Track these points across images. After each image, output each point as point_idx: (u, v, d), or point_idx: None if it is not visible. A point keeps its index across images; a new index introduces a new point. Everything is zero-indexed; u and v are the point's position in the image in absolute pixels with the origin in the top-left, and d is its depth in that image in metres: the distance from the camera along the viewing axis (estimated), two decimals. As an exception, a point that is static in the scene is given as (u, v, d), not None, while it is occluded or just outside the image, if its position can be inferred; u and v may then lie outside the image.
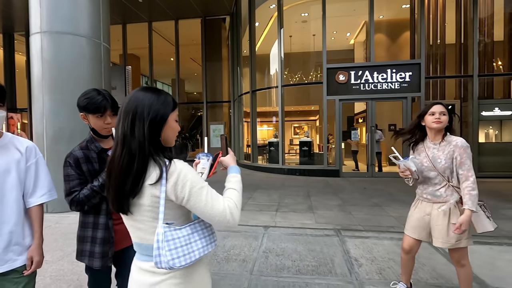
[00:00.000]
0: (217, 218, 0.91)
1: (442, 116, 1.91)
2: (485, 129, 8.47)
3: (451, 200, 1.87)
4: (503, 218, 4.16)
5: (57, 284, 2.41)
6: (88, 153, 1.46)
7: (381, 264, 2.77)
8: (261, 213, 4.52)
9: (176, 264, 0.87)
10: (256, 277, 2.55)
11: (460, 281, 1.97)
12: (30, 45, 4.57)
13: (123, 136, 0.92)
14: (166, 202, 0.90)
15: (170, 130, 0.99)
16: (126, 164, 0.90)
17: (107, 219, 1.44)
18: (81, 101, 1.45)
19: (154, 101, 0.94)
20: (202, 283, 1.01)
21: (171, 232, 0.89)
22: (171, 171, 0.90)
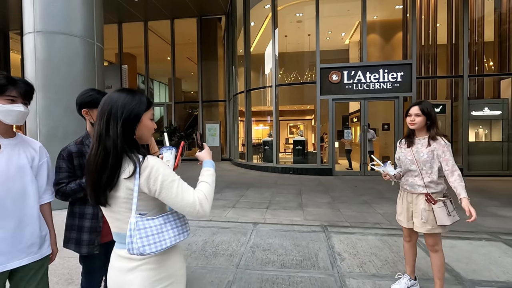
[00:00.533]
0: (187, 209, 0.99)
1: (416, 117, 2.07)
2: (475, 128, 8.62)
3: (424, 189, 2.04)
4: (486, 215, 4.29)
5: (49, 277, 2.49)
6: (82, 148, 1.57)
7: (363, 258, 2.87)
8: (251, 210, 4.61)
9: (146, 250, 0.95)
10: (242, 270, 2.64)
11: (433, 267, 2.08)
12: (23, 44, 4.61)
13: (98, 135, 1.00)
14: (140, 194, 0.99)
15: (144, 128, 1.07)
16: (101, 160, 0.98)
17: (97, 209, 1.55)
18: (85, 97, 1.59)
19: (128, 101, 1.02)
20: (175, 269, 1.09)
21: (143, 221, 0.97)
22: (144, 166, 0.98)
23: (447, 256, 2.89)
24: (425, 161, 2.03)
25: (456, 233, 3.52)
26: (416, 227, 2.09)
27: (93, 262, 1.61)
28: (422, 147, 2.07)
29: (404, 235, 2.29)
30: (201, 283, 2.42)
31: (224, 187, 6.53)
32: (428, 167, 2.03)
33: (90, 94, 1.59)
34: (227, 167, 10.77)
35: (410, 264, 2.29)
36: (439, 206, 1.96)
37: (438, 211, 1.95)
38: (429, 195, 2.01)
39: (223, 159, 13.10)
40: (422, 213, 2.03)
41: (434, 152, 2.01)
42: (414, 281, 2.29)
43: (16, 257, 1.25)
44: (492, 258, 2.84)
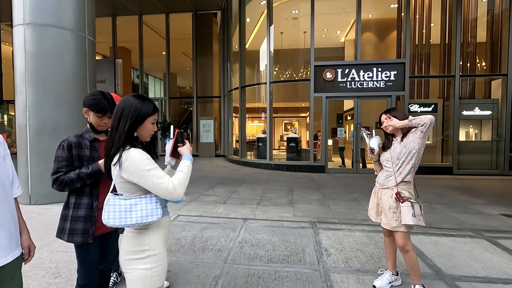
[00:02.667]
0: (162, 192, 1.19)
1: (385, 122, 2.20)
2: (465, 128, 8.75)
3: (394, 188, 2.11)
4: (470, 213, 4.38)
5: (35, 271, 2.50)
6: (81, 140, 1.67)
7: (349, 254, 2.93)
8: (242, 206, 4.64)
9: (109, 222, 1.18)
10: (229, 265, 2.68)
11: (407, 266, 2.14)
12: (13, 37, 4.55)
13: (111, 128, 1.27)
14: (119, 178, 1.23)
15: (144, 130, 1.30)
16: (109, 147, 1.25)
17: (92, 200, 1.62)
18: (88, 100, 1.67)
19: (138, 105, 1.27)
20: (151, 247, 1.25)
21: (114, 200, 1.20)
22: (124, 158, 1.20)
23: (431, 252, 2.98)
24: (398, 153, 2.11)
25: (440, 230, 3.61)
26: (383, 223, 2.17)
27: (89, 253, 1.64)
28: (398, 144, 2.16)
29: (384, 231, 2.34)
30: (188, 277, 2.45)
31: (216, 183, 6.55)
32: (401, 162, 2.09)
33: (94, 97, 1.66)
34: (221, 163, 10.79)
35: (391, 259, 2.35)
36: (406, 205, 2.01)
37: (404, 210, 2.01)
38: (399, 194, 2.07)
39: (217, 155, 13.10)
40: (389, 210, 2.09)
41: (407, 144, 2.08)
42: (396, 276, 2.34)
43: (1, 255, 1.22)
44: (473, 254, 2.92)
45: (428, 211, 4.46)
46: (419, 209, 2.03)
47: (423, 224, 2.03)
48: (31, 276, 2.43)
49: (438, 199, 5.21)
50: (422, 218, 2.03)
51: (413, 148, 2.05)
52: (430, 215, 4.21)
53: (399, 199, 2.04)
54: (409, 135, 2.08)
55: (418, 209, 2.03)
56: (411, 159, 2.06)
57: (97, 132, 1.73)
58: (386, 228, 2.20)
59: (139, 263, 1.23)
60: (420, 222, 2.01)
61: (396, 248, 2.36)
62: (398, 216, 2.05)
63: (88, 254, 1.63)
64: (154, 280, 1.23)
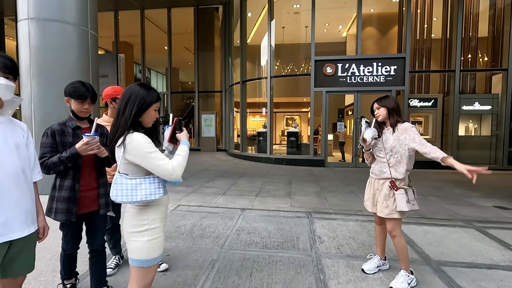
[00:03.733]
0: (162, 173, 1.32)
1: (377, 110, 2.27)
2: (465, 123, 8.78)
3: (388, 176, 2.19)
4: (464, 205, 4.48)
5: (42, 254, 2.64)
6: (64, 128, 1.78)
7: (341, 241, 3.04)
8: (241, 198, 4.77)
9: (117, 199, 1.31)
10: (225, 250, 2.81)
11: (396, 251, 2.24)
12: (17, 31, 4.66)
13: (118, 112, 1.37)
14: (123, 159, 1.34)
15: (148, 116, 1.41)
16: (114, 130, 1.36)
17: (74, 182, 1.74)
18: (68, 88, 1.78)
19: (144, 93, 1.38)
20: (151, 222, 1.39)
21: (121, 179, 1.33)
22: (128, 140, 1.31)
23: (421, 240, 3.08)
24: (391, 146, 2.18)
25: (432, 220, 3.71)
26: (378, 212, 2.26)
27: (72, 229, 1.85)
28: (389, 134, 2.23)
29: (375, 219, 2.44)
30: (186, 261, 2.58)
31: (217, 176, 6.68)
32: (394, 152, 2.17)
33: (74, 85, 1.78)
34: (222, 157, 10.91)
35: (380, 245, 2.46)
36: (400, 193, 2.11)
37: (398, 197, 2.10)
38: (393, 182, 2.16)
39: (218, 149, 13.23)
40: (384, 198, 2.18)
41: (400, 137, 2.15)
42: (384, 261, 2.45)
43: (17, 229, 1.36)
44: (461, 242, 3.02)
45: (423, 203, 4.56)
46: (412, 194, 2.14)
47: (417, 208, 2.13)
48: (38, 258, 2.55)
49: (434, 192, 5.30)
50: (416, 202, 2.14)
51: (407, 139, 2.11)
52: (424, 207, 4.31)
53: (393, 187, 2.13)
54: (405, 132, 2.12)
55: (412, 194, 2.13)
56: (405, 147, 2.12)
57: (80, 119, 1.84)
58: (379, 216, 2.29)
59: (138, 236, 1.36)
60: (414, 207, 2.11)
61: (386, 235, 2.46)
62: (391, 204, 2.13)
63: (71, 230, 1.85)
64: (150, 251, 1.36)
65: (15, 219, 1.35)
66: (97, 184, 1.85)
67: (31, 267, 1.48)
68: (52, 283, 2.17)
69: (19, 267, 1.41)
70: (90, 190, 1.82)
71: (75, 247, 1.91)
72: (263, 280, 2.27)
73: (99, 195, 1.85)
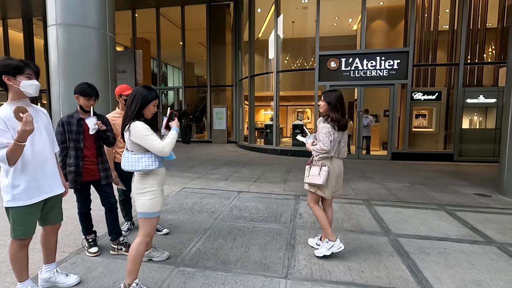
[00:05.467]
0: (155, 150, 1.84)
1: (321, 102, 2.62)
2: (469, 116, 8.83)
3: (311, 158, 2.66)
4: (447, 192, 4.79)
5: (71, 221, 3.28)
6: (71, 119, 2.41)
7: (318, 218, 3.51)
8: (240, 183, 5.30)
9: (125, 168, 1.87)
10: (218, 222, 3.35)
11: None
12: (47, 36, 5.35)
13: (127, 107, 1.90)
14: (129, 140, 1.87)
15: (148, 110, 1.92)
16: (123, 119, 1.91)
17: (78, 160, 2.41)
18: (78, 88, 2.38)
19: (145, 93, 1.89)
20: (151, 186, 1.92)
21: (128, 154, 1.88)
22: (132, 126, 1.84)
23: (389, 218, 3.50)
24: (315, 136, 2.63)
25: (408, 204, 4.09)
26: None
27: (81, 193, 2.54)
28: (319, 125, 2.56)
29: None
30: (184, 228, 3.15)
31: (222, 165, 7.25)
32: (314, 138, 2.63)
33: (82, 86, 2.36)
34: (231, 148, 11.49)
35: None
36: (307, 169, 2.60)
37: (311, 171, 2.54)
38: (311, 161, 2.61)
39: (229, 141, 13.82)
40: (305, 173, 2.65)
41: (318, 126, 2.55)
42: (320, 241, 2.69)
43: (55, 189, 1.97)
44: (426, 221, 3.41)
45: (407, 190, 4.91)
46: (317, 169, 2.50)
47: (318, 182, 2.46)
48: (68, 223, 3.22)
49: (423, 181, 5.60)
50: (319, 178, 2.46)
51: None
52: (407, 193, 4.67)
53: (309, 163, 2.61)
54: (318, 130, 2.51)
55: (316, 169, 2.50)
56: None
57: (84, 112, 2.41)
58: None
59: (142, 196, 1.90)
60: (312, 180, 2.49)
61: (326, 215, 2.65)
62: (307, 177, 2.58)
63: (81, 193, 2.54)
64: (151, 207, 1.89)
65: (54, 181, 1.95)
66: (97, 161, 2.49)
67: (61, 217, 2.09)
68: (78, 239, 2.80)
69: (53, 216, 2.02)
70: (92, 164, 2.47)
71: (86, 206, 2.58)
72: (243, 243, 2.80)
73: (99, 169, 2.49)
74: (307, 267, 2.36)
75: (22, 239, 1.81)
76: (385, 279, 2.18)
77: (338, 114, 2.51)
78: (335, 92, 2.58)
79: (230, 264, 2.39)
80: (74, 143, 2.38)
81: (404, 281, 2.16)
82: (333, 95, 2.54)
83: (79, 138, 2.40)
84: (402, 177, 6.00)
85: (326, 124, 2.48)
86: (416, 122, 9.46)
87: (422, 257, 2.52)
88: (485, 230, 3.17)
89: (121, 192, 3.00)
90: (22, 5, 13.98)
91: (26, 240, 1.84)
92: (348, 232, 3.11)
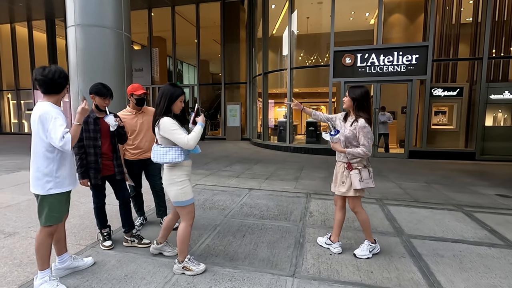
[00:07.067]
0: (181, 143, 2.03)
1: (345, 98, 2.50)
2: (493, 112, 8.42)
3: (344, 160, 2.48)
4: (466, 192, 4.60)
5: (87, 215, 3.41)
6: (88, 118, 2.50)
7: (329, 216, 3.47)
8: (251, 180, 5.32)
9: (155, 160, 2.09)
10: (228, 219, 3.39)
11: (360, 224, 2.58)
12: (67, 36, 5.55)
13: (156, 104, 2.10)
14: (158, 134, 2.09)
15: (176, 106, 2.12)
16: (154, 116, 2.13)
17: (97, 158, 2.49)
18: (93, 89, 2.48)
19: (172, 90, 2.09)
20: (179, 176, 2.12)
21: (157, 147, 2.10)
22: (161, 121, 2.04)
23: (403, 218, 3.41)
24: (347, 136, 2.44)
25: (424, 204, 3.96)
26: (336, 191, 2.54)
27: (99, 188, 2.64)
28: (349, 125, 2.45)
29: (334, 199, 2.72)
30: (195, 224, 3.19)
31: (235, 162, 7.30)
32: (348, 142, 2.44)
33: (97, 87, 2.46)
34: (245, 146, 11.54)
35: (334, 226, 2.66)
36: (354, 173, 2.39)
37: (352, 176, 2.40)
38: (349, 164, 2.43)
39: (243, 138, 13.87)
40: (341, 178, 2.49)
41: (355, 132, 2.40)
42: (333, 243, 2.60)
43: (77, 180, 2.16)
44: (441, 222, 3.29)
45: (423, 189, 4.76)
46: (367, 173, 2.43)
47: (372, 185, 2.43)
48: (84, 217, 3.35)
49: (440, 181, 5.41)
50: (371, 181, 2.43)
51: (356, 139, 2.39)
52: (423, 193, 4.53)
53: (349, 167, 2.44)
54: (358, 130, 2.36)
55: (366, 173, 2.43)
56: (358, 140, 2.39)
57: (100, 111, 2.52)
58: (337, 196, 2.60)
59: (172, 186, 2.11)
60: (368, 185, 2.41)
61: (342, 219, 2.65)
62: (347, 182, 2.44)
63: (97, 188, 2.63)
64: (183, 195, 2.11)
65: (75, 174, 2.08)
66: (112, 157, 2.58)
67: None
68: (94, 233, 2.91)
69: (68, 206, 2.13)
70: (108, 160, 2.57)
71: (101, 200, 2.68)
72: (252, 240, 2.81)
73: (114, 165, 2.59)
74: (315, 266, 2.34)
75: (52, 226, 1.95)
76: (395, 281, 2.13)
77: (367, 113, 2.41)
78: (360, 88, 2.44)
79: (238, 260, 2.41)
80: (92, 141, 2.47)
81: (415, 283, 2.10)
82: (359, 91, 2.41)
83: (97, 136, 2.49)
84: (419, 176, 5.82)
85: (366, 124, 2.36)
86: (436, 119, 9.12)
87: (435, 259, 2.44)
88: (505, 232, 3.03)
89: (132, 188, 3.09)
90: (45, 7, 14.56)
91: (55, 227, 1.99)
92: (358, 231, 3.05)
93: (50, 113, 1.82)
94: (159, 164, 3.15)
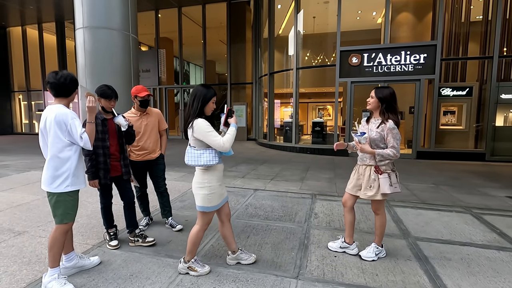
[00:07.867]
0: (216, 145, 1.99)
1: (371, 99, 2.43)
2: (504, 112, 8.24)
3: (371, 162, 2.41)
4: (475, 194, 4.52)
5: (95, 215, 3.46)
6: (96, 120, 2.46)
7: (334, 218, 3.45)
8: (257, 180, 5.32)
9: (188, 163, 2.06)
10: (232, 219, 3.38)
11: (376, 226, 2.53)
12: (75, 38, 5.64)
13: (188, 105, 2.05)
14: (192, 136, 2.04)
15: (208, 107, 2.08)
16: (186, 116, 2.06)
17: (106, 158, 2.52)
18: (98, 91, 2.52)
19: (204, 91, 2.04)
20: (211, 180, 2.09)
21: (191, 150, 2.07)
22: (195, 123, 1.99)
23: (409, 220, 3.37)
24: (373, 138, 2.37)
25: (431, 205, 3.91)
26: (361, 194, 2.44)
27: (106, 188, 2.68)
28: (374, 126, 2.40)
29: (342, 201, 2.65)
30: (199, 225, 3.22)
31: (241, 162, 7.31)
32: (375, 144, 2.37)
33: (102, 89, 2.51)
34: (250, 146, 11.55)
35: (346, 228, 2.62)
36: (384, 177, 2.33)
37: (382, 181, 2.32)
38: (377, 167, 2.36)
39: (249, 139, 13.88)
40: (368, 182, 2.40)
41: (382, 133, 2.34)
42: (349, 245, 2.57)
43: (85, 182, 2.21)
44: (449, 224, 3.24)
45: (431, 190, 4.69)
46: (395, 177, 2.37)
47: (399, 190, 2.36)
48: (91, 216, 3.41)
49: (449, 182, 5.32)
50: (398, 185, 2.37)
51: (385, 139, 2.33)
52: (430, 194, 4.46)
53: (378, 171, 2.36)
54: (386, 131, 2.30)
55: (394, 177, 2.36)
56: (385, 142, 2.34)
57: (106, 113, 2.55)
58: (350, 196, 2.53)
59: (201, 190, 2.09)
60: (396, 190, 2.35)
61: (353, 220, 2.61)
62: (376, 186, 2.35)
63: (104, 188, 2.67)
64: (210, 201, 2.09)
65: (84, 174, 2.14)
66: (119, 157, 2.62)
67: None
68: (101, 232, 2.95)
69: None
70: (115, 161, 2.61)
71: (108, 200, 2.72)
72: (256, 241, 2.82)
73: (121, 165, 2.62)
74: (319, 268, 2.33)
75: (68, 223, 2.03)
76: (400, 284, 2.11)
77: (395, 114, 2.34)
78: (388, 88, 2.38)
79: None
80: (101, 142, 2.50)
81: (421, 287, 2.07)
82: (387, 92, 2.35)
83: (105, 137, 2.53)
84: (426, 177, 5.74)
85: (395, 126, 2.31)
86: (444, 119, 8.97)
87: (442, 263, 2.41)
88: (515, 236, 2.97)
89: (137, 189, 3.13)
90: (55, 9, 14.82)
91: (71, 225, 2.08)
92: (364, 233, 3.03)
93: (67, 114, 1.92)
94: (163, 165, 3.19)
